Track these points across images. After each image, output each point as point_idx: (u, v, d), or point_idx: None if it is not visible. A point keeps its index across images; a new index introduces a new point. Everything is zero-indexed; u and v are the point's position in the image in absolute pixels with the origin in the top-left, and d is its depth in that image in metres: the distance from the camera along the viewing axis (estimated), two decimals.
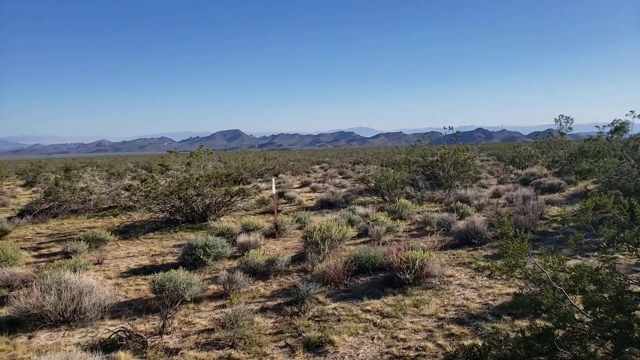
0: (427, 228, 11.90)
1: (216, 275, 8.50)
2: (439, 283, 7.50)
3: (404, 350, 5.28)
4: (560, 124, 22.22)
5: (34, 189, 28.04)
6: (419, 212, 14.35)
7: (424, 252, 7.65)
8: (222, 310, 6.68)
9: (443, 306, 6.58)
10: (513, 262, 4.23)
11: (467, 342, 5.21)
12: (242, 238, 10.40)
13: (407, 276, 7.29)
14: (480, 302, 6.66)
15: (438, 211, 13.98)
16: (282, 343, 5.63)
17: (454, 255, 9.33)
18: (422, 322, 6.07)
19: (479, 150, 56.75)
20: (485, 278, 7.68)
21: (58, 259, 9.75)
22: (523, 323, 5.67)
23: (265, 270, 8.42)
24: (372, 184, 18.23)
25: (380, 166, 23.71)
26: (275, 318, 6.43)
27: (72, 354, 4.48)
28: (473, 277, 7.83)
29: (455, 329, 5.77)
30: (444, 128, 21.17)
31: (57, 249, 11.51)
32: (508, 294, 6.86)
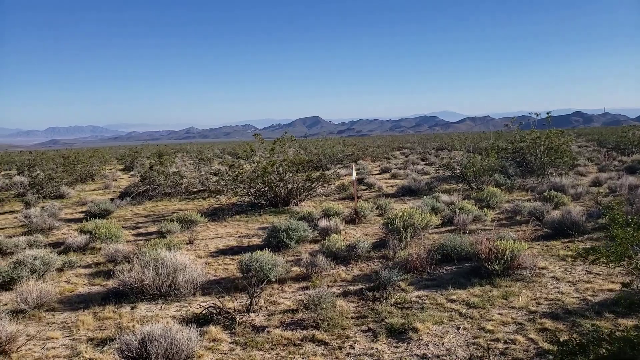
0: (518, 218, 11.30)
1: (298, 257, 8.69)
2: (530, 275, 7.10)
3: (492, 342, 5.08)
4: None
5: (131, 173, 30.22)
6: (508, 201, 13.66)
7: (514, 243, 7.27)
8: (305, 292, 6.82)
9: (535, 299, 6.24)
10: (622, 250, 3.88)
11: (563, 338, 4.89)
12: (322, 223, 10.52)
13: (496, 267, 6.98)
14: (577, 297, 6.22)
15: (530, 200, 13.22)
16: (364, 327, 5.64)
17: (547, 246, 8.78)
18: (511, 314, 5.80)
19: (576, 135, 52.85)
20: (583, 272, 7.17)
21: (154, 238, 10.44)
22: (629, 322, 5.23)
23: (346, 255, 8.46)
24: (458, 171, 17.61)
25: (466, 152, 22.83)
26: (357, 302, 6.45)
27: (170, 325, 4.79)
28: (569, 270, 7.34)
29: (549, 323, 5.45)
30: (531, 113, 19.80)
31: (153, 228, 12.36)
32: (610, 290, 6.35)
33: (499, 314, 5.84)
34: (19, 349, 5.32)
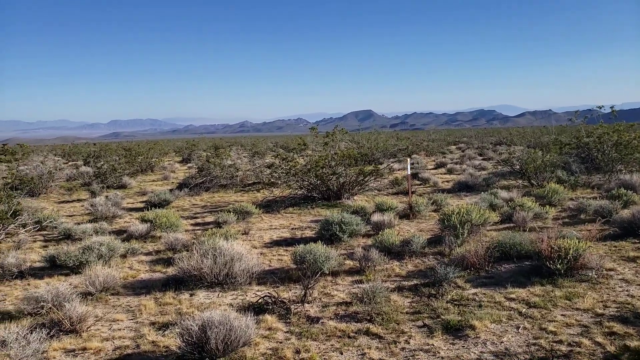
0: (582, 216, 10.75)
1: (351, 251, 8.66)
2: (596, 276, 6.74)
3: (555, 344, 4.87)
4: None
5: (189, 165, 31.22)
6: (571, 199, 13.03)
7: (578, 242, 6.93)
8: (359, 285, 6.80)
9: (601, 301, 5.92)
10: None
11: (633, 343, 4.63)
12: (375, 217, 10.45)
13: (558, 266, 6.68)
14: None
15: (596, 198, 12.54)
16: (419, 323, 5.56)
17: (615, 247, 8.29)
18: (575, 316, 5.54)
19: None
20: None
21: (211, 228, 10.75)
22: None
23: (400, 251, 8.35)
24: (517, 167, 16.98)
25: (526, 147, 21.94)
26: (412, 298, 6.37)
27: (228, 313, 4.93)
28: None
29: (618, 327, 5.15)
30: (604, 107, 18.68)
31: (210, 218, 12.72)
32: None
33: (562, 315, 5.59)
34: (88, 329, 5.64)
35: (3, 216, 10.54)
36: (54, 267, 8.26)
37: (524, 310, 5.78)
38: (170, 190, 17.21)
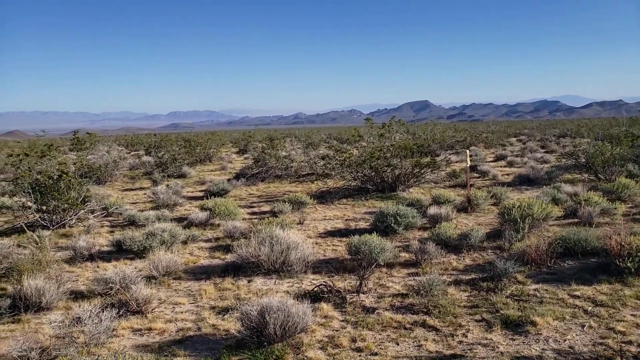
0: None
1: (407, 243, 8.60)
2: None
3: (623, 344, 4.63)
4: None
5: (245, 155, 31.90)
6: None
7: None
8: (415, 277, 6.75)
9: None
10: None
11: None
12: (432, 210, 10.27)
13: (629, 264, 6.32)
14: None
15: None
16: (477, 317, 5.45)
17: None
18: None
19: None
20: None
21: (267, 217, 10.97)
22: None
23: (457, 244, 8.19)
24: (583, 160, 16.14)
25: (593, 139, 20.79)
26: (470, 292, 6.24)
27: (285, 299, 5.04)
28: None
29: None
30: None
31: (266, 208, 12.97)
32: None
33: (631, 315, 5.31)
34: (153, 311, 5.94)
35: (74, 202, 11.24)
36: (120, 251, 8.73)
37: (590, 308, 5.54)
38: (228, 180, 17.67)
